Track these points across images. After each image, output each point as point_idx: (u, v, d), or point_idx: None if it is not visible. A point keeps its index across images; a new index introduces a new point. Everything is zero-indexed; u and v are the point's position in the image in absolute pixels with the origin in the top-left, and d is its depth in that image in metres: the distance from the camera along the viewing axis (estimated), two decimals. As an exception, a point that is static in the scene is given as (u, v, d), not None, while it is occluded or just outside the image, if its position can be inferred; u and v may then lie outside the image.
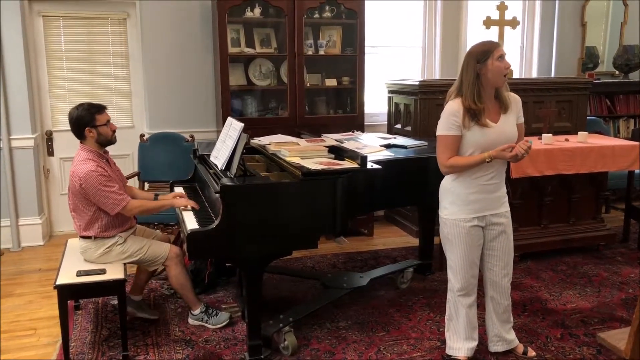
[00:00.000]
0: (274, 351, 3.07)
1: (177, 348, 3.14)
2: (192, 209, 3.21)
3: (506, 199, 2.84)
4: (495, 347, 3.01)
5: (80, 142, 3.18)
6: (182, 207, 3.23)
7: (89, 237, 3.14)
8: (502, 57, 2.64)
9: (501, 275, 2.88)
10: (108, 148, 3.27)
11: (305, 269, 4.35)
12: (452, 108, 2.68)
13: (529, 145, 2.61)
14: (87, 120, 3.10)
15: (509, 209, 2.85)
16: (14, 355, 3.10)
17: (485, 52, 2.64)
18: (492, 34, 5.05)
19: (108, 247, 3.15)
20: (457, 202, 2.76)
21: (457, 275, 2.83)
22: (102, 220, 3.12)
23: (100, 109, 3.17)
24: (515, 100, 2.79)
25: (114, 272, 3.03)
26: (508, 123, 2.73)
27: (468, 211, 2.75)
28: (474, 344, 2.92)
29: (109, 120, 3.20)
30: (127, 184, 3.51)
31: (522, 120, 2.83)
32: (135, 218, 3.40)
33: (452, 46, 5.88)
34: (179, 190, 3.74)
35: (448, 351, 2.96)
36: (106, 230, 3.14)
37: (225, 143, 3.28)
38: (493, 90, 2.70)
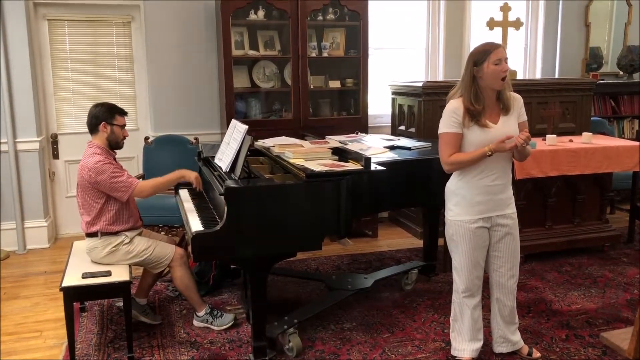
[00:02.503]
0: (278, 352, 3.08)
1: (182, 350, 3.15)
2: (197, 210, 3.24)
3: (512, 200, 2.84)
4: (500, 348, 3.00)
5: (89, 141, 3.22)
6: (194, 185, 3.30)
7: (95, 235, 3.16)
8: (499, 60, 2.61)
9: (507, 276, 2.87)
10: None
11: (309, 270, 4.36)
12: (453, 106, 2.71)
13: (528, 136, 2.61)
14: (106, 115, 3.19)
15: (515, 210, 2.84)
16: (20, 357, 3.12)
17: (483, 55, 2.63)
18: (495, 35, 5.06)
19: (114, 247, 3.17)
20: (463, 203, 2.77)
21: (461, 276, 2.84)
22: (109, 214, 3.16)
23: (122, 112, 3.28)
24: (515, 100, 2.79)
25: (120, 274, 3.05)
26: (508, 124, 2.73)
27: (473, 212, 2.75)
28: (479, 344, 2.92)
29: (124, 125, 3.28)
30: None
31: (524, 118, 2.82)
32: (141, 219, 3.42)
33: (456, 47, 5.88)
34: (183, 192, 3.76)
35: (453, 352, 2.96)
36: (112, 224, 3.16)
37: (229, 145, 3.29)
38: (493, 92, 2.70)
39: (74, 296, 3.01)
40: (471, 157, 2.68)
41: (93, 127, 3.21)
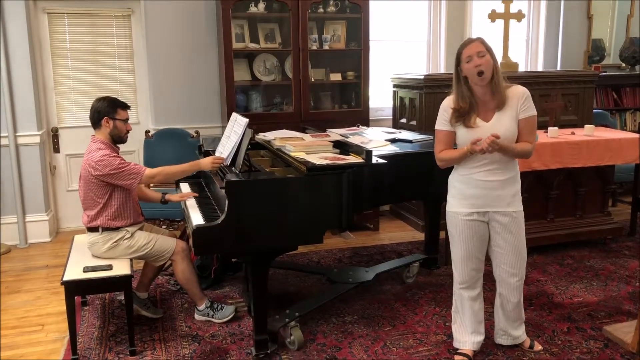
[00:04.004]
0: (280, 346, 3.08)
1: (184, 343, 3.15)
2: (198, 204, 3.23)
3: (516, 198, 2.77)
4: (500, 339, 3.01)
5: (92, 136, 3.20)
6: (211, 168, 3.19)
7: (96, 230, 3.16)
8: (469, 57, 2.58)
9: (508, 273, 2.85)
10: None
11: (311, 263, 4.36)
12: (445, 104, 2.77)
13: (493, 140, 2.52)
14: (108, 110, 3.16)
15: (519, 209, 2.78)
16: (22, 351, 3.13)
17: (459, 55, 2.65)
18: (497, 27, 5.04)
19: (115, 242, 3.16)
20: (457, 195, 2.80)
21: (457, 268, 2.86)
22: (111, 209, 3.14)
23: (125, 106, 3.25)
24: (515, 95, 2.69)
25: (121, 268, 3.05)
26: (501, 121, 2.67)
27: (466, 205, 2.77)
28: (480, 337, 2.93)
29: (127, 119, 3.25)
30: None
31: (527, 114, 2.68)
32: (143, 214, 3.41)
33: (457, 40, 5.82)
34: (184, 185, 3.75)
35: (455, 344, 2.97)
36: (114, 220, 3.15)
37: (230, 138, 3.29)
38: (486, 87, 2.65)
39: (76, 290, 3.01)
40: (456, 155, 2.73)
41: (96, 122, 3.19)
